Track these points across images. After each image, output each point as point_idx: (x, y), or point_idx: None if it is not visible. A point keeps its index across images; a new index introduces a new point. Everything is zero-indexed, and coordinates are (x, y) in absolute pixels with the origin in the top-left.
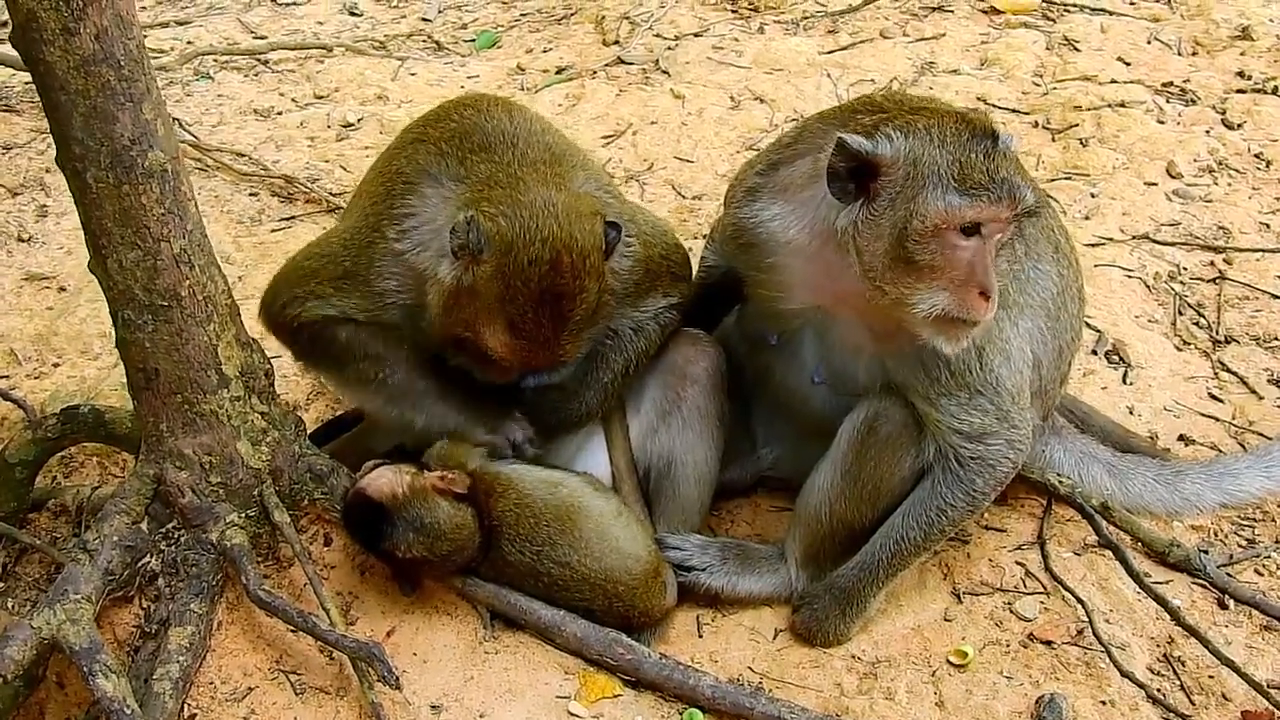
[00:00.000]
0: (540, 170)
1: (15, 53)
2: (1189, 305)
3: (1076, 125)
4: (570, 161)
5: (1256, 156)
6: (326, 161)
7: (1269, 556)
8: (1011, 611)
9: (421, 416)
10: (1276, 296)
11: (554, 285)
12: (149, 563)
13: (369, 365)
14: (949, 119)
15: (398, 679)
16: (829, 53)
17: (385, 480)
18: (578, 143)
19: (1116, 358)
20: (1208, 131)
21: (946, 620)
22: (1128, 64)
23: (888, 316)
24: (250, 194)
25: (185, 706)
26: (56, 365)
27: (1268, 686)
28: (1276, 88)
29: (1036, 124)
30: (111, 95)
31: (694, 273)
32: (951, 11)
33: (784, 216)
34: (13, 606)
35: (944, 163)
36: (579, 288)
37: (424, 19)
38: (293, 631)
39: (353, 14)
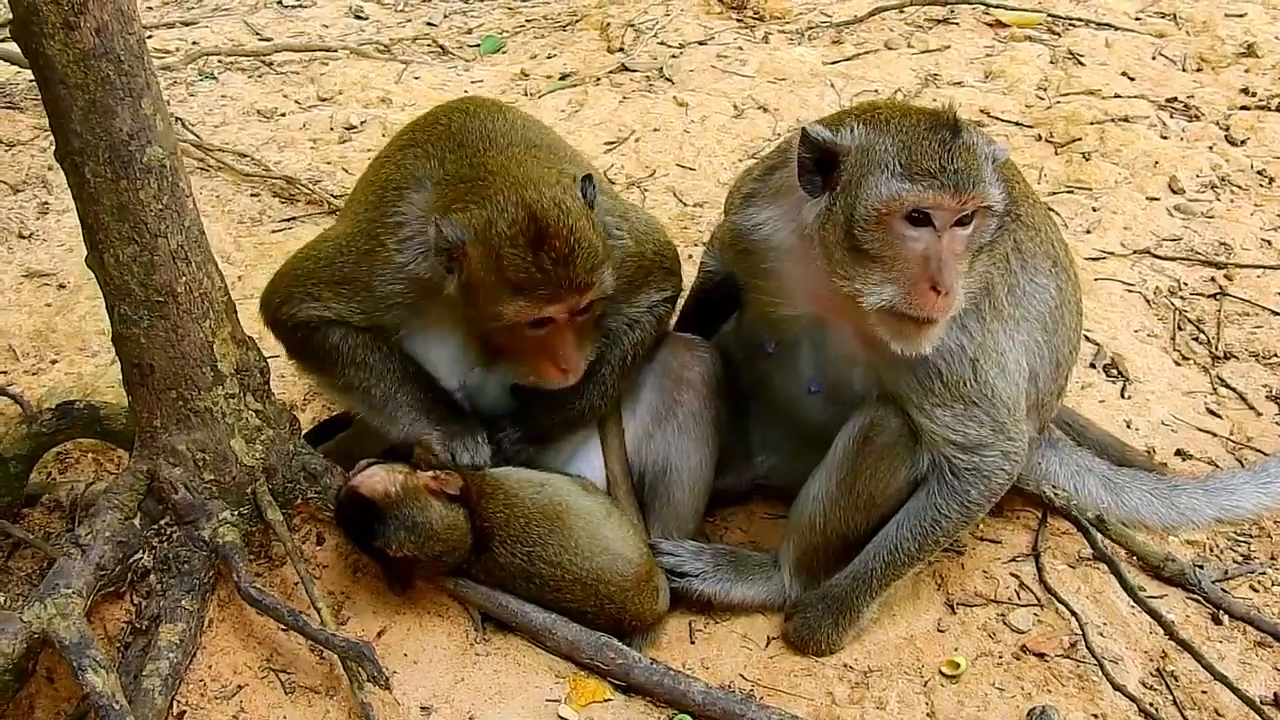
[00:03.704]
0: (509, 153)
1: (18, 49)
2: (1189, 320)
3: (1079, 139)
4: (555, 154)
5: (1259, 173)
6: (329, 163)
7: (1264, 573)
8: (1005, 623)
9: (396, 428)
10: (1277, 313)
11: (542, 230)
12: (141, 559)
13: (355, 372)
14: (914, 112)
15: (388, 679)
16: (833, 63)
17: (378, 479)
18: (580, 149)
19: (1115, 371)
20: (1211, 147)
21: (939, 631)
22: (1132, 79)
23: (863, 317)
24: (252, 194)
25: (175, 703)
26: (54, 362)
27: (1261, 702)
28: None
29: (1039, 137)
30: (111, 90)
31: (693, 280)
32: (956, 24)
33: (775, 220)
34: (4, 601)
35: (894, 149)
36: (568, 226)
37: (429, 23)
38: (283, 630)
39: (358, 17)
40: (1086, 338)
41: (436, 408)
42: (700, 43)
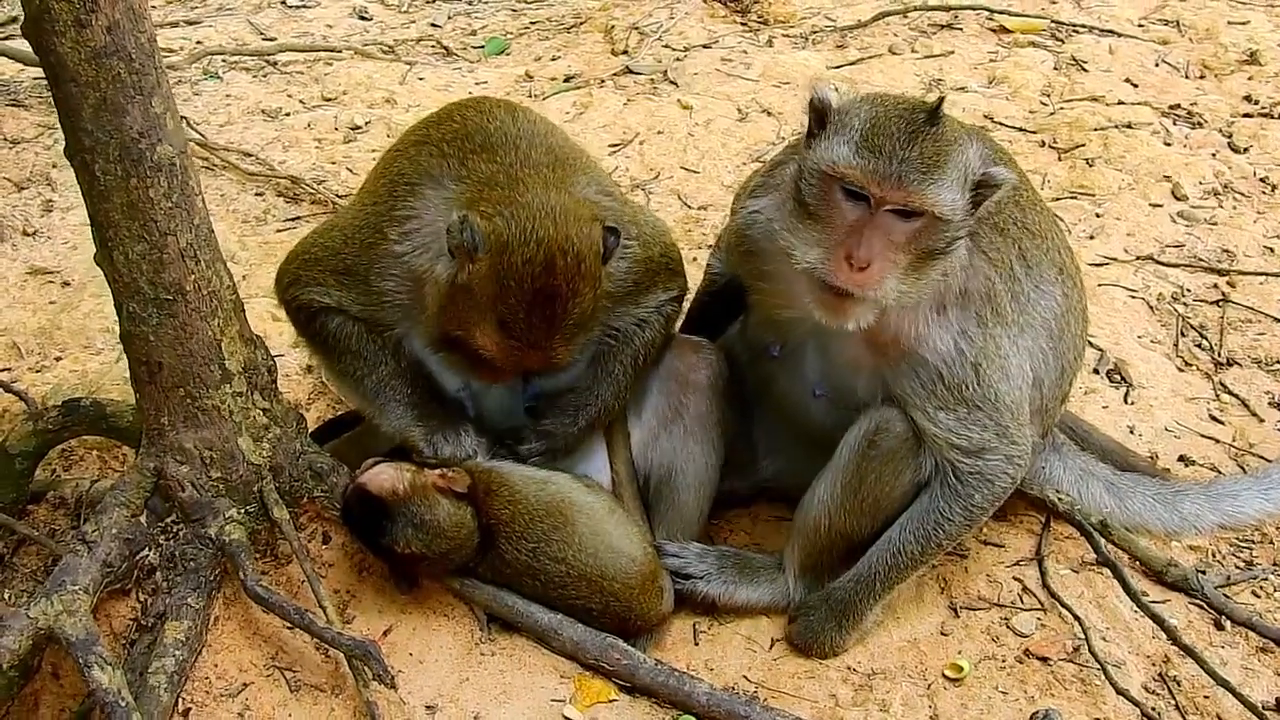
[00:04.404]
0: (541, 172)
1: (23, 47)
2: (1191, 327)
3: (1083, 145)
4: (573, 164)
5: (1262, 180)
6: (333, 163)
7: (1266, 579)
8: (1008, 627)
9: (385, 420)
10: (1279, 320)
11: (547, 286)
12: (147, 556)
13: (350, 360)
14: (909, 99)
15: (393, 678)
16: (837, 67)
17: (386, 476)
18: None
19: (1118, 377)
20: (1214, 154)
21: (943, 634)
22: (1135, 85)
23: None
24: (256, 194)
25: (180, 701)
26: (59, 359)
27: (1263, 708)
28: None
29: (1043, 143)
30: (121, 88)
31: (698, 282)
32: (960, 29)
33: (771, 208)
34: (10, 598)
35: (864, 117)
36: (573, 291)
37: (433, 24)
38: (289, 628)
39: (362, 18)
40: (1090, 343)
41: (424, 403)
42: (704, 46)
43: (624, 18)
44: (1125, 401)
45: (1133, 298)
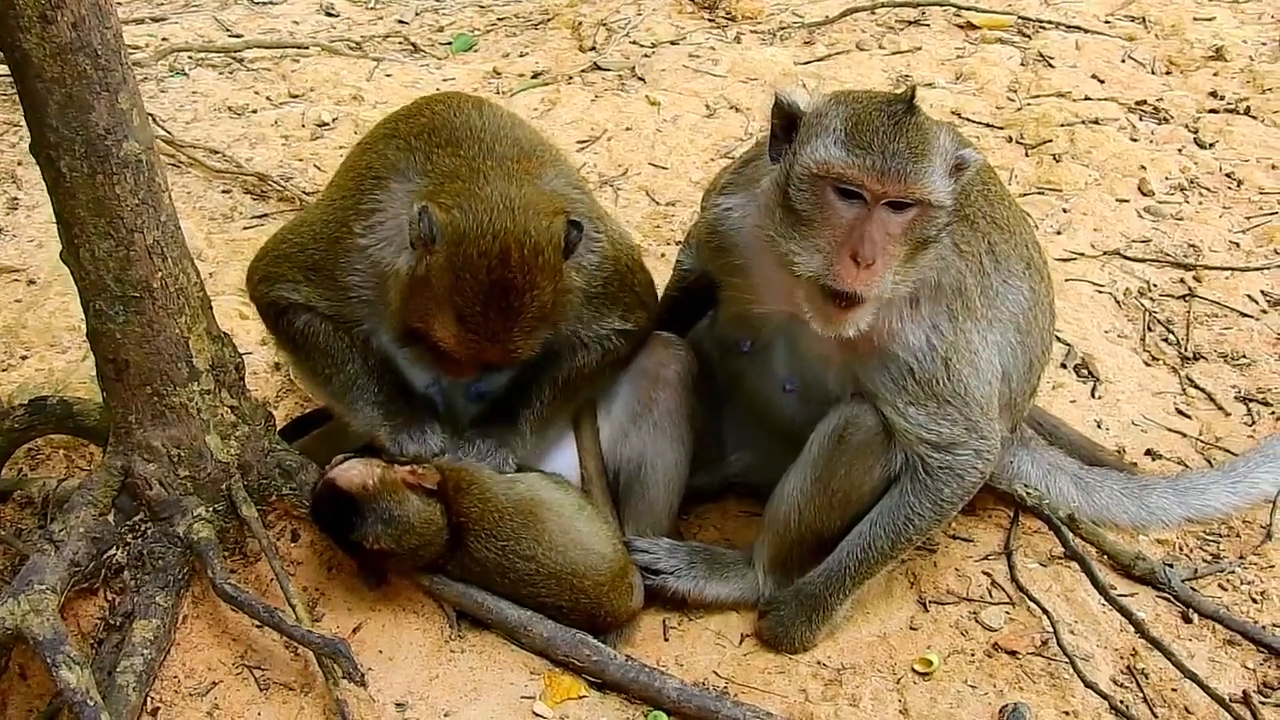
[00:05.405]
0: (505, 165)
1: None
2: (1158, 321)
3: (1050, 141)
4: (540, 158)
5: (1228, 176)
6: (300, 160)
7: (1233, 571)
8: (977, 621)
9: (353, 418)
10: (1245, 314)
11: (502, 279)
12: (115, 555)
13: (319, 358)
14: (879, 94)
15: (363, 676)
16: (805, 63)
17: (356, 472)
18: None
19: (1086, 372)
20: (1180, 150)
21: (912, 629)
22: (1102, 81)
23: (791, 288)
24: (223, 191)
25: (148, 700)
26: (24, 358)
27: (1230, 700)
28: (1249, 108)
29: (1010, 139)
30: (87, 84)
31: (665, 286)
32: (928, 26)
33: (744, 205)
34: None
35: (843, 115)
36: (529, 283)
37: (401, 21)
38: (258, 626)
39: (329, 14)
40: (1057, 338)
41: (391, 401)
42: (672, 42)
43: (592, 14)
44: (1092, 396)
45: (1099, 292)
